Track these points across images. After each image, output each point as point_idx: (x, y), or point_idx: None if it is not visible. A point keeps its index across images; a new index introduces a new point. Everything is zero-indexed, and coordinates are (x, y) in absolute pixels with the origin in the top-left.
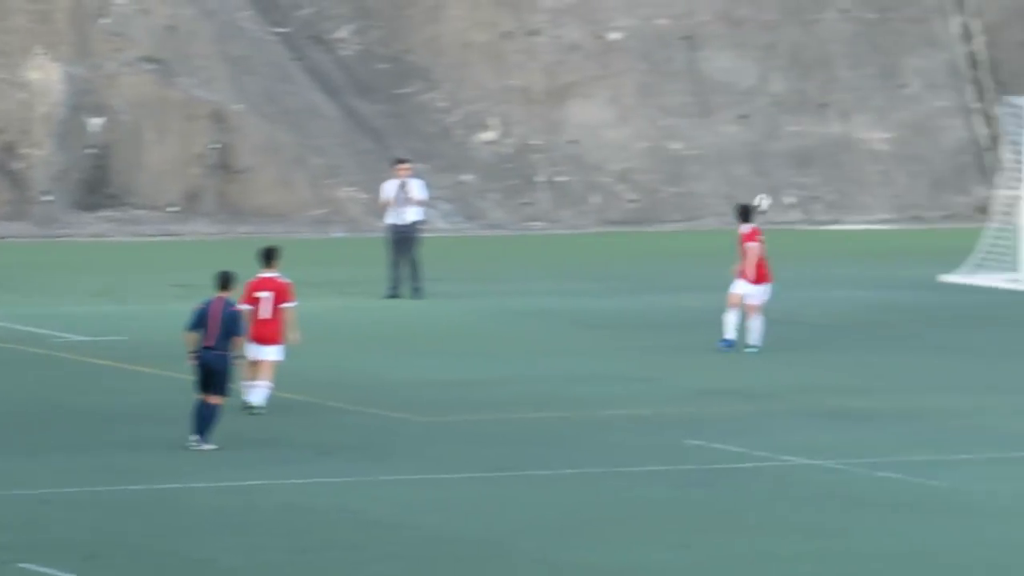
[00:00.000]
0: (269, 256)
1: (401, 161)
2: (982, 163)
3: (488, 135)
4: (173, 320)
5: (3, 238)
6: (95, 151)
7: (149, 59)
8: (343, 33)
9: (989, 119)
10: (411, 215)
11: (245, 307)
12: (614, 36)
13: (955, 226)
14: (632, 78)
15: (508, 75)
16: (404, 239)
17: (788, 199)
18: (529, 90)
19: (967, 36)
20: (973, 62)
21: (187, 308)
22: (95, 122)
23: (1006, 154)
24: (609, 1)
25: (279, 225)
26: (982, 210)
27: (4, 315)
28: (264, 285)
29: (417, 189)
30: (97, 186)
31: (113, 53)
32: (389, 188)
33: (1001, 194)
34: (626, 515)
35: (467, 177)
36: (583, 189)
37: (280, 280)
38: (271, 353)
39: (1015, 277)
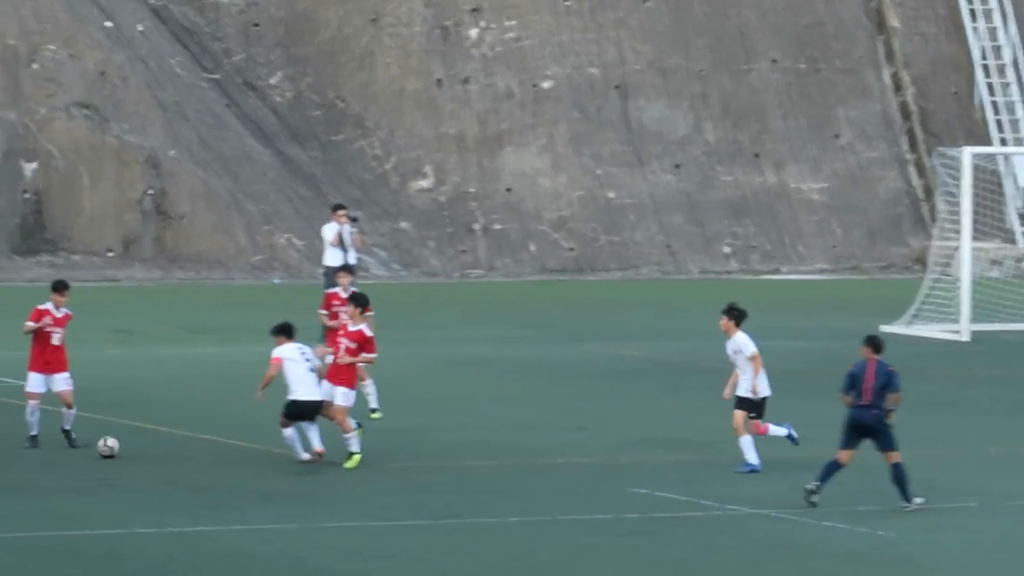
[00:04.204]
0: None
1: (339, 207)
2: (918, 214)
3: (423, 183)
4: (112, 366)
5: None
6: (30, 196)
7: (81, 104)
8: (275, 80)
9: (923, 170)
10: (351, 258)
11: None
12: (546, 84)
13: (893, 277)
14: (565, 126)
15: (441, 123)
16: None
17: (725, 248)
18: (463, 138)
19: (898, 87)
20: (905, 113)
21: (126, 354)
22: (29, 167)
23: (941, 205)
24: (540, 50)
25: (217, 271)
26: (919, 260)
27: None
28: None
29: (346, 232)
30: (33, 231)
31: (45, 99)
32: (329, 231)
33: (937, 245)
34: (571, 563)
35: (404, 224)
36: (520, 237)
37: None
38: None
39: (953, 328)
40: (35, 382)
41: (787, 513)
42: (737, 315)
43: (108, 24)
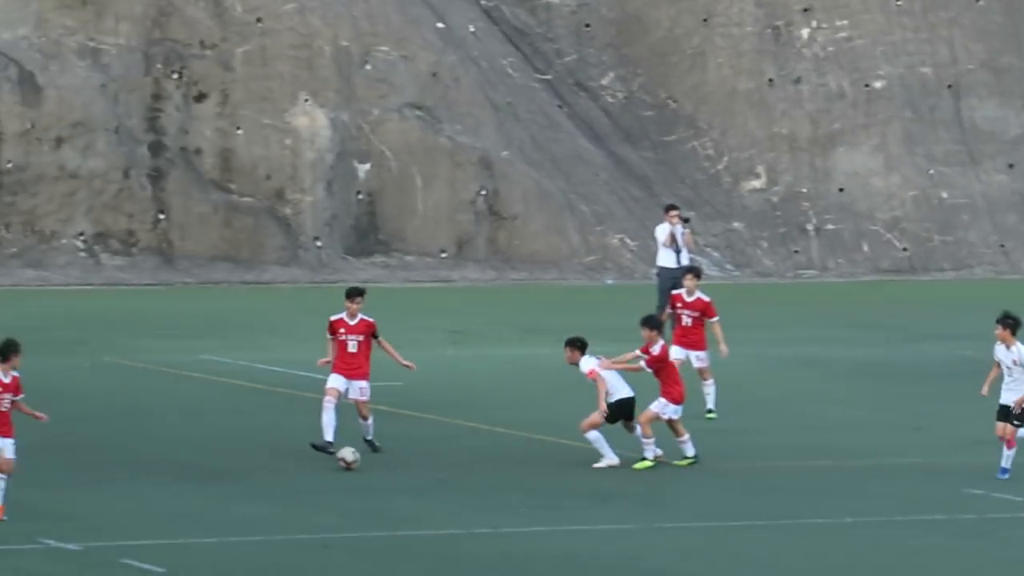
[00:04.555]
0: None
1: (672, 207)
2: None
3: (756, 183)
4: (448, 366)
5: (274, 283)
6: (364, 197)
7: (414, 105)
8: (607, 80)
9: None
10: (684, 259)
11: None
12: (878, 84)
13: None
14: (897, 126)
15: (773, 123)
16: (676, 284)
17: None
18: (795, 137)
19: None
20: None
21: (461, 354)
22: (363, 168)
23: None
24: (872, 49)
25: (550, 271)
26: None
27: (278, 360)
28: None
29: (689, 235)
30: (367, 232)
31: (378, 100)
32: (662, 231)
33: None
34: (906, 565)
35: (736, 225)
36: (853, 237)
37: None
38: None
39: None
40: (335, 380)
41: None
42: (1013, 324)
43: (440, 25)
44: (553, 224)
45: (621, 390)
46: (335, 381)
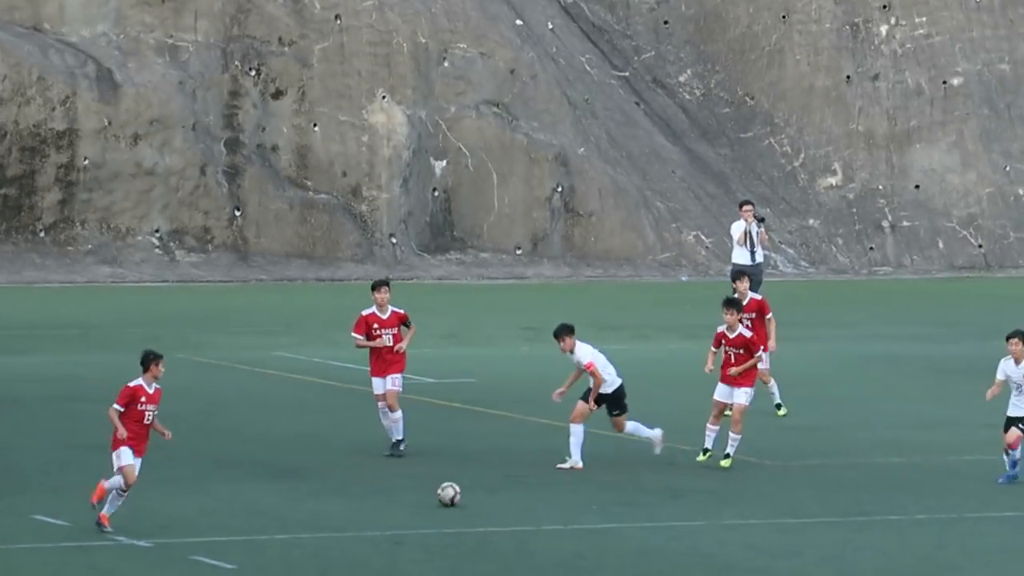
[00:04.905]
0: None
1: (746, 203)
2: None
3: (832, 180)
4: (522, 363)
5: (349, 280)
6: (440, 194)
7: (491, 102)
8: (684, 77)
9: None
10: (758, 256)
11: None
12: (955, 81)
13: None
14: (974, 123)
15: (851, 120)
16: (751, 279)
17: None
18: (872, 135)
19: None
20: None
21: (536, 351)
22: (439, 165)
23: None
24: (950, 46)
25: (625, 268)
26: None
27: (352, 357)
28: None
29: (753, 230)
30: (443, 228)
31: (455, 97)
32: (736, 228)
33: None
34: (980, 562)
35: (812, 221)
36: (929, 234)
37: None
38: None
39: None
40: (376, 385)
41: None
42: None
43: (518, 22)
44: (629, 221)
45: (613, 381)
46: (377, 386)
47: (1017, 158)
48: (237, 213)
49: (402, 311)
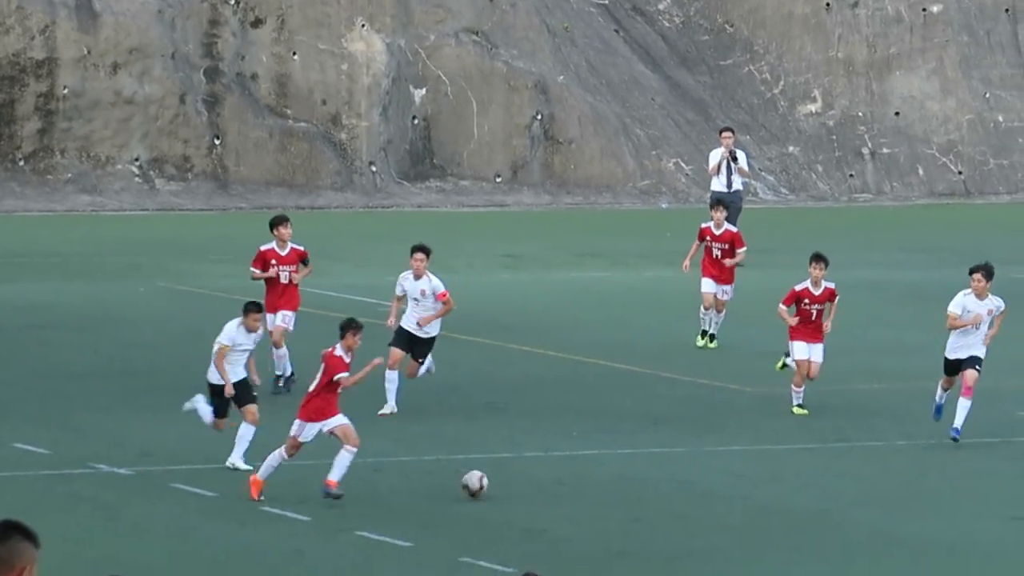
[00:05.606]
0: None
1: (726, 129)
2: None
3: (812, 107)
4: (502, 290)
5: (329, 208)
6: (419, 122)
7: (470, 30)
8: (663, 5)
9: None
10: (736, 183)
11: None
12: (935, 8)
13: None
14: (954, 50)
15: (830, 47)
16: (728, 208)
17: None
18: (852, 62)
19: None
20: None
21: (516, 278)
22: (419, 93)
23: None
24: None
25: (605, 196)
26: None
27: (332, 285)
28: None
29: (742, 160)
30: (422, 157)
31: (434, 24)
32: (715, 156)
33: None
34: (960, 487)
35: (792, 149)
36: (909, 161)
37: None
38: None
39: None
40: (267, 320)
41: None
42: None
43: None
44: (608, 149)
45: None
46: (269, 321)
47: (997, 85)
48: (217, 142)
49: (302, 248)
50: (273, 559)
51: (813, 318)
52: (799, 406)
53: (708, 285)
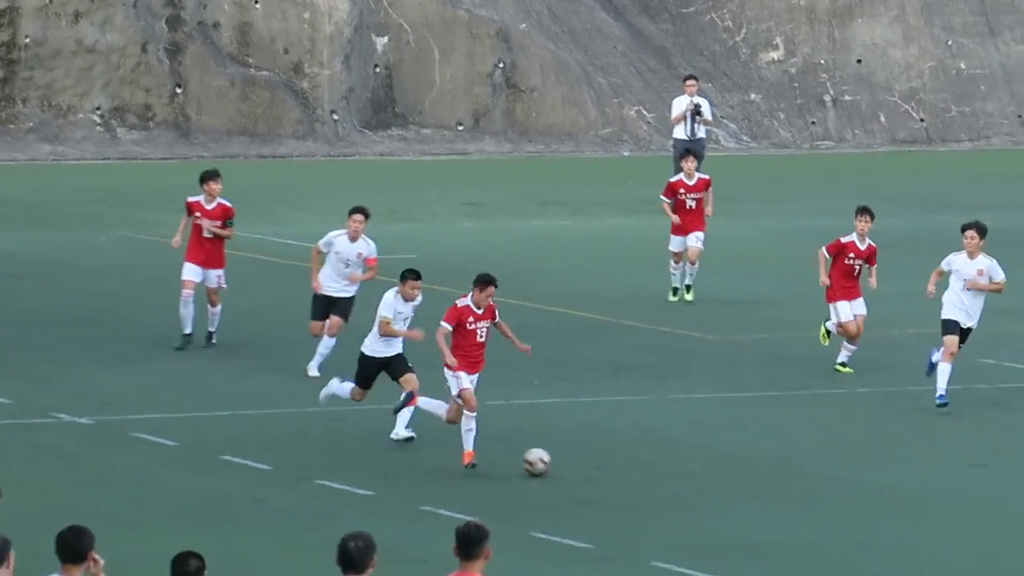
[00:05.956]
0: None
1: (690, 78)
2: None
3: (774, 54)
4: (464, 239)
5: (290, 157)
6: (381, 70)
7: None
8: None
9: None
10: (699, 132)
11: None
12: None
13: None
14: None
15: None
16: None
17: None
18: (814, 9)
19: None
20: None
21: (477, 226)
22: (381, 41)
23: None
24: None
25: (567, 144)
26: None
27: (295, 233)
28: None
29: (706, 109)
30: (384, 105)
31: None
32: (679, 104)
33: None
34: (920, 435)
35: (754, 96)
36: (870, 108)
37: None
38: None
39: None
40: (189, 271)
41: None
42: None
43: None
44: (570, 96)
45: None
46: (189, 272)
47: (959, 32)
48: (178, 90)
49: (230, 205)
50: (234, 508)
51: (856, 274)
52: (843, 364)
53: (677, 244)
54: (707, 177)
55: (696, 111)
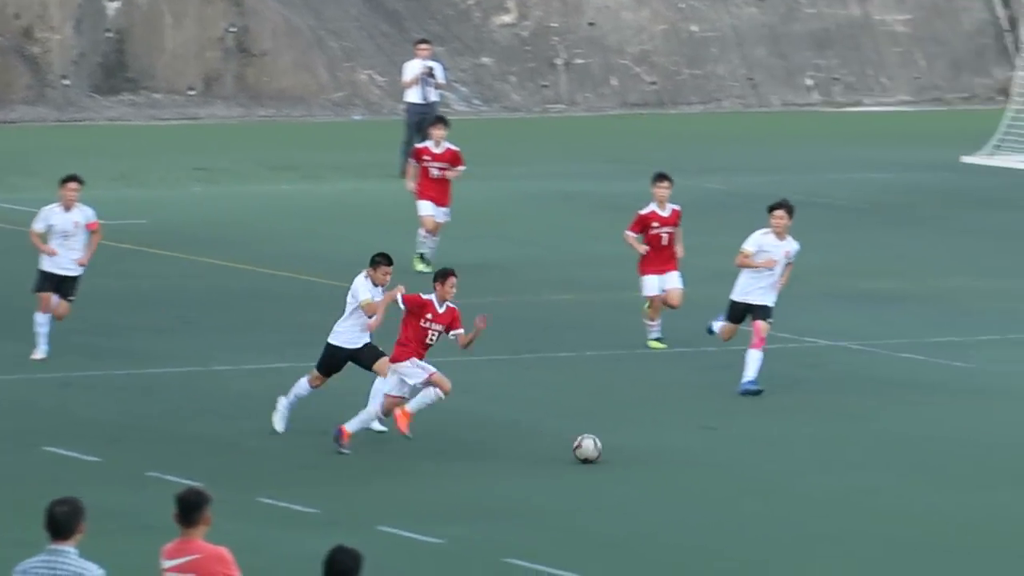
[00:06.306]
0: None
1: (422, 41)
2: (1002, 44)
3: (506, 17)
4: (194, 204)
5: (21, 122)
6: (112, 35)
7: None
8: None
9: (1007, 0)
10: (432, 96)
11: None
12: None
13: (976, 108)
14: None
15: None
16: (423, 120)
17: (807, 81)
18: None
19: None
20: None
21: (208, 191)
22: (112, 6)
23: None
24: None
25: (298, 108)
26: (1003, 91)
27: (25, 200)
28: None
29: (439, 73)
30: (115, 70)
31: None
32: (411, 68)
33: (1021, 76)
34: (651, 397)
35: (485, 60)
36: (602, 71)
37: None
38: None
39: None
40: (46, 262)
41: (864, 345)
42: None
43: None
44: (302, 60)
45: None
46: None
47: None
48: None
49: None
50: None
51: (664, 243)
52: (657, 340)
53: (428, 208)
54: (456, 148)
55: (429, 74)
